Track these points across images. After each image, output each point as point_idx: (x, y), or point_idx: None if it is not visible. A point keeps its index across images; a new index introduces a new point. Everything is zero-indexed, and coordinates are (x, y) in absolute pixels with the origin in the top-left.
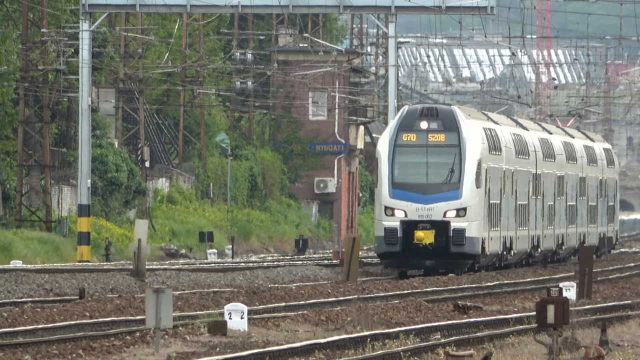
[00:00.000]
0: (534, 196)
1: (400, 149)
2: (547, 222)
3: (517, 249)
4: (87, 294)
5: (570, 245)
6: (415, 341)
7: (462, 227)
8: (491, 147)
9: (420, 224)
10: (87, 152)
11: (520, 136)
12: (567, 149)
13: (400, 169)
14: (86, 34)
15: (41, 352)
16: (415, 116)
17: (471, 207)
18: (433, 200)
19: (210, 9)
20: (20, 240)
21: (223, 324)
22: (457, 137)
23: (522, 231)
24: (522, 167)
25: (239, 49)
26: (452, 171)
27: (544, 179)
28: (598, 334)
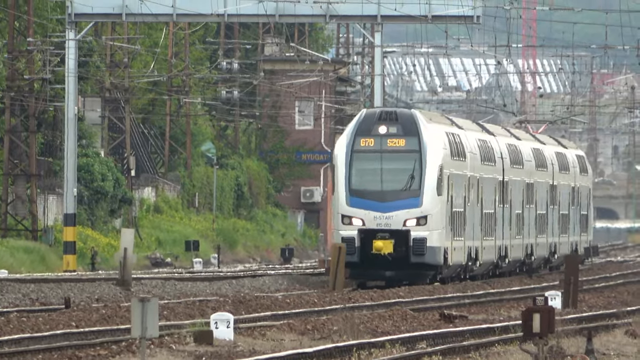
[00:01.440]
0: (500, 204)
1: (358, 154)
2: (515, 231)
3: (483, 259)
4: (72, 303)
5: (540, 255)
6: (402, 350)
7: (422, 236)
8: (454, 153)
9: (378, 233)
10: (73, 162)
11: (486, 142)
12: (537, 156)
13: (357, 176)
14: (72, 43)
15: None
16: (373, 120)
17: (432, 215)
18: (392, 209)
19: (196, 18)
20: (6, 249)
21: (209, 334)
22: (417, 142)
23: (489, 241)
24: (488, 174)
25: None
26: (412, 178)
27: (512, 186)
28: (584, 343)
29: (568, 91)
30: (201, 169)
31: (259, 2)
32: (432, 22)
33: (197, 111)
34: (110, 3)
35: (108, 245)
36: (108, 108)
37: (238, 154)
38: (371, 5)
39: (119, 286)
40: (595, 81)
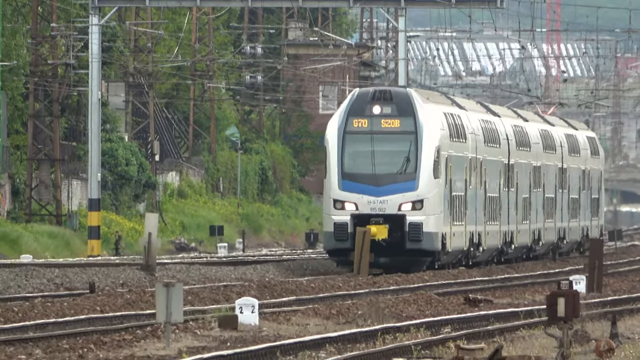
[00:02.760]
0: (506, 188)
1: (351, 136)
2: (521, 216)
3: (486, 245)
4: (97, 288)
5: (549, 240)
6: (426, 334)
7: (418, 221)
8: (453, 134)
9: (372, 218)
10: (97, 146)
11: (490, 123)
12: (545, 138)
13: (350, 159)
14: (96, 28)
15: (52, 346)
16: (367, 100)
17: (429, 199)
18: (387, 192)
19: (220, 3)
20: (30, 234)
21: (234, 318)
22: (413, 122)
23: (493, 226)
24: (492, 157)
25: (249, 43)
26: (407, 160)
27: (518, 169)
28: (608, 327)
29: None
30: (225, 154)
31: None
32: (455, 7)
33: (221, 96)
34: None
35: (132, 230)
36: (132, 93)
37: (262, 139)
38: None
39: (143, 271)
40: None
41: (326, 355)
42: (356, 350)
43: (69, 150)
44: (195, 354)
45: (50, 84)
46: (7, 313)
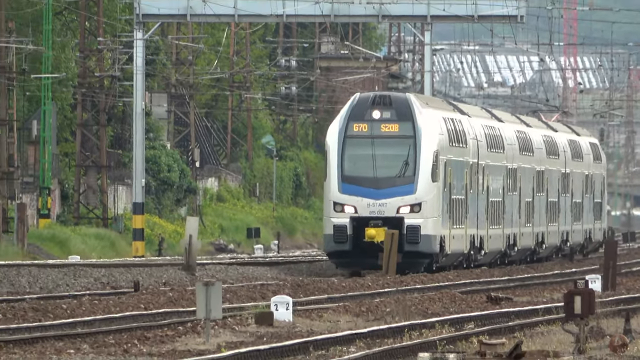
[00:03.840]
0: (509, 192)
1: (351, 140)
2: (524, 219)
3: (489, 248)
4: (141, 287)
5: (552, 243)
6: (451, 331)
7: (416, 223)
8: (453, 139)
9: (371, 220)
10: (141, 154)
11: (493, 128)
12: (548, 143)
13: (350, 162)
14: (140, 42)
15: (98, 342)
16: (367, 105)
17: (427, 202)
18: (385, 195)
19: (256, 19)
20: (78, 236)
21: (269, 315)
22: (411, 127)
23: (496, 229)
24: (495, 162)
25: (283, 56)
26: (406, 164)
27: (521, 174)
28: (622, 324)
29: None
30: (261, 161)
31: (316, 3)
32: (478, 22)
33: (257, 106)
34: (176, 4)
35: (174, 232)
36: (174, 103)
37: (296, 146)
38: (421, 6)
39: (184, 271)
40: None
41: (356, 350)
42: (384, 346)
43: (114, 158)
44: (234, 349)
45: (97, 95)
46: (57, 310)
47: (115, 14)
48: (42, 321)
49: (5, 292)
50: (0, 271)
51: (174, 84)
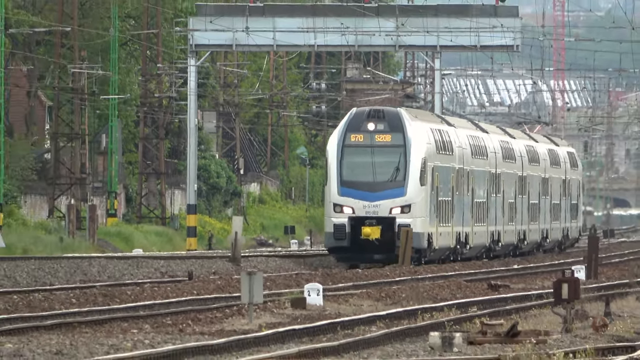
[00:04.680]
0: (493, 194)
1: (349, 149)
2: (508, 218)
3: (474, 243)
4: (194, 276)
5: (533, 240)
6: (457, 313)
7: (407, 222)
8: (440, 147)
9: (367, 220)
10: (194, 162)
11: (477, 138)
12: (530, 152)
13: (348, 168)
14: (193, 68)
15: (157, 322)
16: (363, 118)
17: (416, 203)
18: (379, 198)
19: (292, 48)
20: (140, 233)
21: (303, 300)
22: (402, 137)
23: (480, 227)
24: (480, 167)
25: (315, 80)
26: (397, 170)
27: (505, 178)
28: (603, 307)
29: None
30: (296, 168)
31: (342, 34)
32: (480, 51)
33: (292, 122)
34: (223, 36)
35: (222, 230)
36: (221, 120)
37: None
38: (432, 37)
39: (231, 262)
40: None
41: (377, 329)
42: (400, 326)
43: (171, 166)
44: (272, 329)
45: (157, 113)
46: (122, 295)
47: (172, 44)
48: (110, 305)
49: (79, 280)
50: (75, 262)
51: (221, 103)
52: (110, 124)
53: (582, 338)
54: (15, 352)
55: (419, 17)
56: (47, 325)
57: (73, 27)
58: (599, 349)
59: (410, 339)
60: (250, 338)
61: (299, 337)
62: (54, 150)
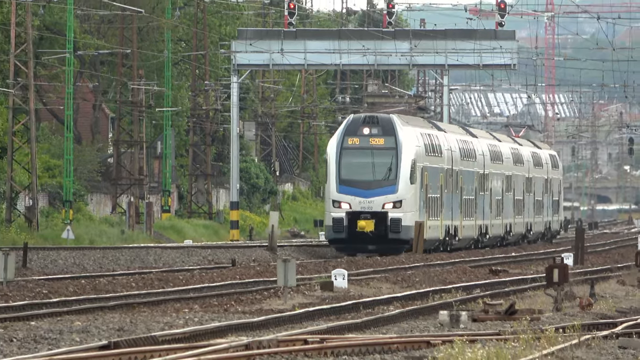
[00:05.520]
0: (481, 192)
1: (346, 151)
2: (495, 213)
3: (462, 235)
4: (237, 263)
5: (518, 232)
6: (463, 294)
7: (398, 216)
8: (429, 150)
9: (362, 214)
10: (236, 165)
11: (466, 142)
12: (515, 154)
13: (345, 168)
14: (235, 84)
15: (206, 303)
16: (359, 123)
17: (406, 199)
18: (373, 195)
19: (320, 67)
20: (191, 226)
21: (330, 284)
22: (394, 140)
23: (469, 221)
24: (468, 168)
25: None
26: (389, 170)
27: (492, 177)
28: (588, 289)
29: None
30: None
31: (363, 55)
32: (482, 69)
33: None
34: (261, 57)
35: (260, 223)
36: (260, 129)
37: None
38: (440, 57)
39: (268, 251)
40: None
41: (394, 309)
42: (414, 305)
43: (217, 168)
44: (304, 308)
45: (204, 123)
46: (175, 280)
47: (217, 63)
48: (164, 288)
49: (137, 267)
50: (134, 252)
51: (260, 114)
52: (165, 132)
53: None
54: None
55: (430, 40)
56: (111, 305)
57: (132, 49)
58: (585, 325)
59: (422, 317)
60: (285, 316)
61: (327, 316)
62: (116, 155)
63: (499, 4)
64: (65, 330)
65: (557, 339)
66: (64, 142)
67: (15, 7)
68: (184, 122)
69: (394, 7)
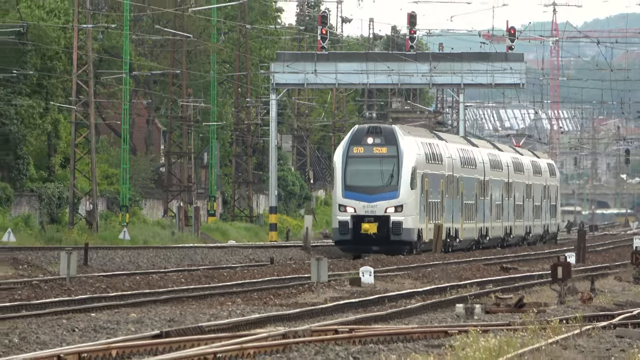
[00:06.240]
0: (481, 197)
1: (351, 159)
2: (495, 216)
3: (463, 237)
4: (275, 261)
5: (518, 234)
6: (477, 289)
7: (399, 220)
8: (429, 158)
9: (366, 218)
10: (274, 174)
11: (467, 151)
12: (515, 162)
13: (351, 175)
14: (274, 101)
15: (247, 297)
16: (363, 133)
17: (407, 204)
18: (376, 199)
19: (350, 86)
20: (234, 228)
21: (358, 279)
22: (396, 149)
23: (469, 223)
24: (469, 175)
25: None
26: (391, 176)
27: (492, 184)
28: (589, 285)
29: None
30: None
31: (388, 76)
32: (494, 88)
33: None
34: (297, 77)
35: (296, 226)
36: (296, 141)
37: None
38: (457, 77)
39: (303, 250)
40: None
41: (415, 302)
42: (433, 299)
43: (257, 177)
44: (335, 301)
45: (246, 136)
46: (220, 276)
47: (258, 83)
48: (210, 283)
49: (186, 264)
50: (183, 251)
51: (295, 128)
52: (211, 144)
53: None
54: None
55: (447, 62)
56: (162, 299)
57: (182, 70)
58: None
59: (441, 309)
60: (318, 309)
61: (355, 308)
62: (167, 164)
63: (509, 29)
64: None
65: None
66: (120, 153)
67: (77, 33)
68: (227, 135)
69: (416, 33)
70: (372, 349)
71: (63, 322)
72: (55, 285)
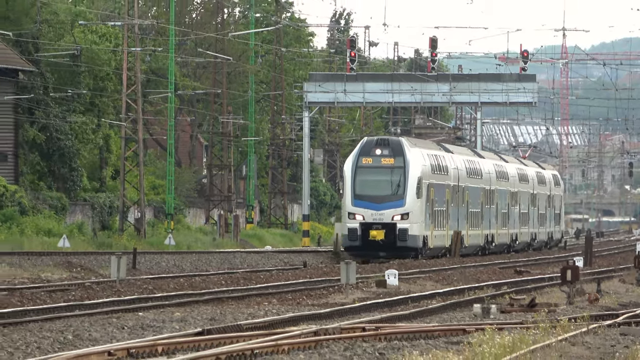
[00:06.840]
0: (487, 205)
1: (360, 169)
2: (500, 224)
3: (469, 243)
4: (307, 264)
5: (524, 240)
6: (493, 290)
7: (405, 227)
8: (435, 168)
9: (374, 225)
10: (307, 185)
11: (473, 162)
12: (520, 173)
13: (360, 184)
14: (307, 118)
15: (282, 297)
16: (372, 145)
17: (413, 212)
18: (384, 208)
19: (377, 104)
20: (270, 234)
21: (384, 282)
22: (402, 160)
23: (475, 230)
24: (475, 184)
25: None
26: (398, 186)
27: (498, 193)
28: (596, 286)
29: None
30: None
31: (412, 94)
32: (509, 106)
33: None
34: (328, 96)
35: (327, 232)
36: (327, 155)
37: None
38: (474, 96)
39: (333, 255)
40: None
41: (436, 302)
42: (453, 300)
43: (291, 187)
44: (362, 301)
45: (281, 150)
46: (257, 278)
47: (292, 101)
48: (248, 285)
49: (226, 267)
50: (223, 255)
51: (327, 143)
52: (249, 157)
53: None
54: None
55: (466, 82)
56: (204, 299)
57: (222, 90)
58: (592, 316)
59: (459, 309)
60: (347, 308)
61: (381, 308)
62: (209, 176)
63: (522, 52)
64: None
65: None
66: (166, 165)
67: (127, 56)
68: (264, 149)
69: (437, 56)
70: (397, 346)
71: (113, 321)
72: (106, 286)
